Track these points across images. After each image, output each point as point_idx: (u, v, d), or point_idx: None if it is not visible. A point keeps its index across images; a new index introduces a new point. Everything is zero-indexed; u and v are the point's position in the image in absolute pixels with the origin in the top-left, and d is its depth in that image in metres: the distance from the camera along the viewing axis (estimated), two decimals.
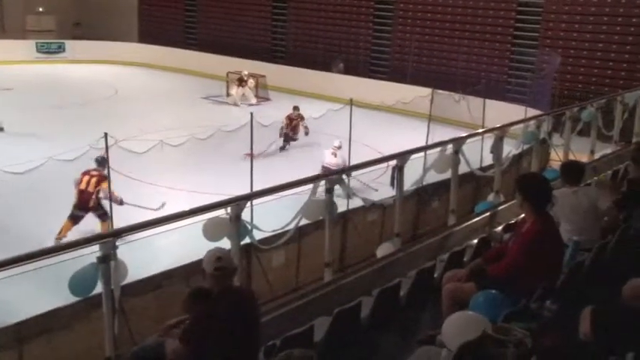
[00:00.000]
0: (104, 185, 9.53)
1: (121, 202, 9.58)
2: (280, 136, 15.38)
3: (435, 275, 5.22)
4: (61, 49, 27.28)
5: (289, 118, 15.65)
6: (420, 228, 9.73)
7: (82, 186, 9.78)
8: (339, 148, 12.03)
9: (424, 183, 9.22)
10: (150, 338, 4.36)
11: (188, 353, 3.81)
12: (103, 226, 9.67)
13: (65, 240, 8.75)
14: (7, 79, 22.63)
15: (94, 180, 9.76)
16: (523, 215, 4.68)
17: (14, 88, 21.58)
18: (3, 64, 25.02)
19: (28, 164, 9.87)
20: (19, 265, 4.70)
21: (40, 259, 4.84)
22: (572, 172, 5.49)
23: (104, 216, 9.74)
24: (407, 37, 22.37)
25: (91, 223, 9.75)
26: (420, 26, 22.13)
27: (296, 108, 15.88)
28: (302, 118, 15.54)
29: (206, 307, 3.94)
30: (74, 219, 9.74)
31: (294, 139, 15.67)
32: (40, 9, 28.91)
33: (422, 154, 9.36)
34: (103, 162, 9.57)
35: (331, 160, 11.84)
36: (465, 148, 8.58)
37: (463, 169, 8.96)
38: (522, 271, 4.25)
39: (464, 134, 9.20)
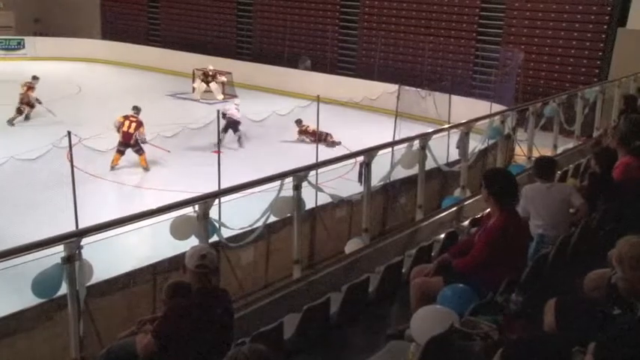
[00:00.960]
0: (142, 130, 13.11)
1: (144, 142, 13.08)
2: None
3: (404, 270, 5.26)
4: (20, 45, 26.62)
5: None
6: (388, 224, 9.80)
7: (125, 128, 13.05)
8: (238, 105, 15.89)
9: (391, 179, 9.28)
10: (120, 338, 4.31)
11: (158, 348, 3.77)
12: (141, 159, 13.19)
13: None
14: None
15: (133, 124, 13.10)
16: (489, 210, 4.75)
17: None
18: None
19: None
20: None
21: (2, 260, 4.73)
22: (546, 167, 5.55)
23: (140, 151, 13.16)
24: (373, 33, 22.47)
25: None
26: (385, 23, 22.26)
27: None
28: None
29: (181, 302, 3.91)
30: (120, 152, 13.08)
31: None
32: None
33: (389, 149, 9.43)
34: (138, 110, 13.73)
35: (235, 113, 15.41)
36: (431, 143, 8.67)
37: (430, 164, 9.05)
38: (488, 265, 4.31)
39: (430, 130, 9.30)
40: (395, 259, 5.41)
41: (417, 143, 8.51)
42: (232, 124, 15.30)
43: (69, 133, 8.38)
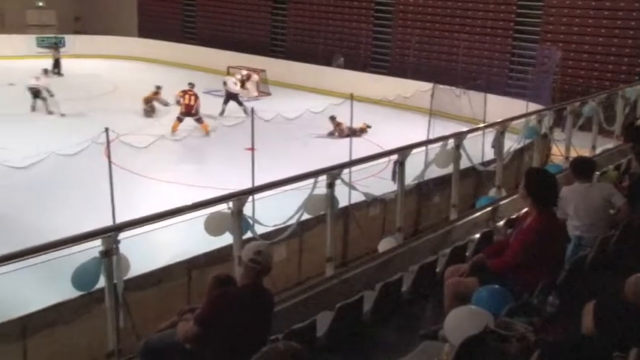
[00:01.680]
0: (199, 102, 16.05)
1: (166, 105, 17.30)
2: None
3: (437, 270, 5.22)
4: (61, 43, 27.21)
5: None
6: (421, 223, 9.74)
7: (186, 101, 15.86)
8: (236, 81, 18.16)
9: (425, 178, 9.22)
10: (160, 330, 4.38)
11: (200, 335, 3.83)
12: (203, 127, 15.80)
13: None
14: (9, 75, 22.59)
15: (193, 97, 15.96)
16: (525, 210, 4.68)
17: (16, 83, 21.54)
18: (4, 59, 25.00)
19: (30, 159, 9.86)
20: (22, 259, 4.71)
21: (43, 254, 4.85)
22: (583, 168, 5.44)
23: (200, 119, 15.86)
24: (407, 31, 22.33)
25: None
26: (420, 20, 22.09)
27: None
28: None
29: (227, 291, 3.98)
30: (179, 120, 15.69)
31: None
32: (40, 4, 28.88)
33: (423, 148, 9.36)
34: (193, 85, 16.64)
35: (232, 86, 17.62)
36: (466, 142, 8.58)
37: (464, 163, 8.96)
38: (524, 266, 4.25)
39: (465, 129, 9.20)
40: (429, 258, 5.38)
41: (451, 142, 8.43)
42: (231, 97, 17.88)
43: (106, 129, 8.54)
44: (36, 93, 17.86)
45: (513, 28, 20.19)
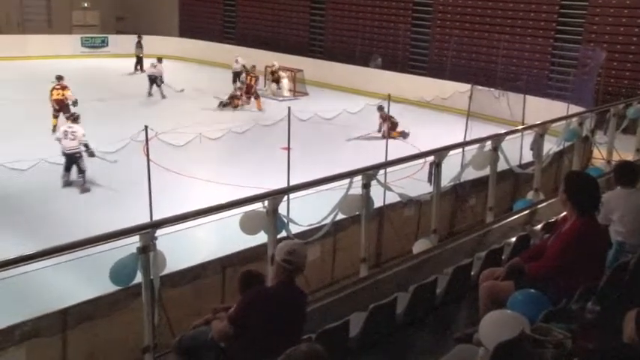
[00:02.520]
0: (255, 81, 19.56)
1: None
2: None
3: (473, 273, 5.15)
4: (104, 43, 27.87)
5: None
6: (457, 225, 9.63)
7: (248, 81, 19.49)
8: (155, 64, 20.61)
9: (462, 179, 9.11)
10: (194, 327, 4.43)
11: (234, 333, 3.86)
12: (257, 103, 19.33)
13: None
14: (54, 74, 23.17)
15: (254, 78, 19.64)
16: (564, 214, 4.58)
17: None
18: (50, 58, 25.69)
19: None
20: (63, 254, 4.83)
21: (82, 249, 4.96)
22: (627, 173, 5.30)
23: (257, 95, 19.48)
24: (446, 32, 22.12)
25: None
26: (459, 21, 21.86)
27: None
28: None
29: (261, 290, 4.01)
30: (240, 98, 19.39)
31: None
32: (85, 4, 29.59)
33: (460, 150, 9.25)
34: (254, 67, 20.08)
35: (151, 69, 20.66)
36: (504, 145, 8.45)
37: (502, 166, 8.82)
38: (562, 271, 4.16)
39: (503, 131, 9.06)
40: (464, 261, 5.31)
41: (489, 144, 8.30)
42: (151, 80, 19.55)
43: (146, 127, 8.68)
44: (153, 80, 20.01)
45: (555, 29, 19.80)
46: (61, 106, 15.19)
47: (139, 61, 25.03)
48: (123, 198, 11.05)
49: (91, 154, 11.60)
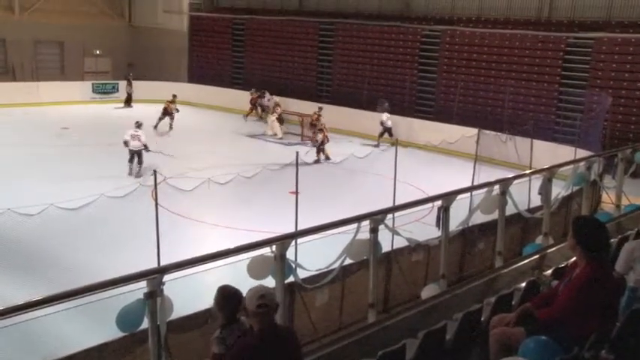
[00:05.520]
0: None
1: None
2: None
3: (482, 319, 5.08)
4: (114, 89, 28.35)
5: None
6: (465, 269, 9.55)
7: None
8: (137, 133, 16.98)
9: (470, 224, 9.08)
10: None
11: None
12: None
13: None
14: (65, 119, 23.60)
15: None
16: (574, 259, 4.54)
17: (70, 127, 22.47)
18: (62, 104, 26.17)
19: (81, 200, 10.16)
20: (70, 300, 4.81)
21: (89, 294, 4.94)
22: None
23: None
24: (452, 77, 22.40)
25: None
26: (465, 67, 22.16)
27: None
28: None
29: (244, 344, 3.95)
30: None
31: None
32: (97, 52, 30.24)
33: (468, 194, 9.25)
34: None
35: (130, 141, 16.70)
36: (512, 189, 8.45)
37: (510, 210, 8.80)
38: (574, 317, 4.10)
39: (511, 175, 9.07)
40: (473, 306, 5.24)
41: (497, 188, 8.31)
42: (133, 154, 16.75)
43: (154, 172, 8.75)
44: (136, 154, 16.70)
45: (560, 74, 20.03)
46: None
47: (129, 98, 27.52)
48: (130, 242, 11.04)
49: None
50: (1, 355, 6.37)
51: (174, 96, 23.62)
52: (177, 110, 22.99)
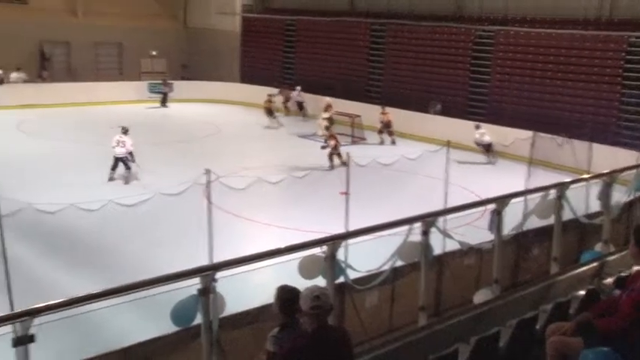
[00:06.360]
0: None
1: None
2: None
3: (538, 326, 4.96)
4: (171, 89, 28.97)
5: None
6: (519, 275, 9.34)
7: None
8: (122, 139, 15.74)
9: (524, 228, 8.87)
10: None
11: None
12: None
13: None
14: (121, 118, 24.27)
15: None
16: (638, 268, 4.38)
17: (127, 126, 23.07)
18: (119, 103, 26.98)
19: (138, 197, 10.44)
20: (127, 293, 4.94)
21: (145, 289, 5.07)
22: None
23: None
24: (506, 78, 21.97)
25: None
26: (519, 67, 21.69)
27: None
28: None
29: (296, 345, 3.97)
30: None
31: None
32: (154, 53, 31.01)
33: (522, 198, 9.05)
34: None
35: (116, 149, 15.45)
36: (569, 193, 8.22)
37: (567, 215, 8.56)
38: (637, 329, 3.96)
39: (567, 179, 8.82)
40: (528, 313, 5.12)
41: (553, 192, 8.10)
42: (117, 160, 15.61)
43: (207, 170, 8.89)
44: (121, 161, 15.85)
45: (622, 75, 19.34)
46: None
47: (165, 98, 28.11)
48: (183, 239, 11.27)
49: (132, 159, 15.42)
50: (62, 346, 6.59)
51: (270, 95, 24.63)
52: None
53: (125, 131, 15.84)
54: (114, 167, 15.47)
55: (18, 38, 27.18)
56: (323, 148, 17.87)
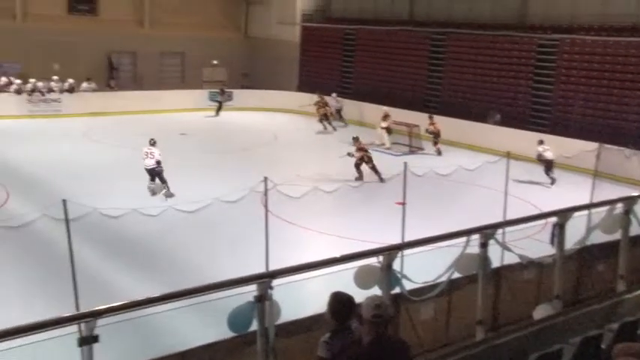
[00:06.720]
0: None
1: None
2: None
3: (603, 346, 4.76)
4: (229, 97, 29.56)
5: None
6: (582, 292, 9.01)
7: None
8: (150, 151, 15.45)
9: (588, 243, 8.56)
10: None
11: None
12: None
13: None
14: (183, 125, 24.95)
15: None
16: None
17: (187, 133, 23.72)
18: (181, 111, 27.74)
19: (197, 204, 10.66)
20: (185, 298, 5.05)
21: (203, 294, 5.16)
22: None
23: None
24: (570, 88, 21.32)
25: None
26: (585, 77, 21.02)
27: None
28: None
29: (356, 354, 3.95)
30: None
31: None
32: (215, 62, 31.74)
33: (586, 212, 8.74)
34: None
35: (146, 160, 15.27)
36: (637, 208, 7.89)
37: (635, 230, 8.22)
38: None
39: (635, 193, 8.47)
40: (592, 331, 4.93)
41: (620, 207, 7.79)
42: (150, 173, 15.33)
43: (265, 178, 8.99)
44: (155, 174, 15.52)
45: None
46: None
47: (219, 107, 28.36)
48: (239, 245, 11.44)
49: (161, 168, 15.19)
50: (121, 347, 6.78)
51: (319, 96, 25.36)
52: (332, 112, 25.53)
53: (153, 143, 15.74)
54: (152, 179, 15.43)
55: (88, 48, 28.36)
56: (349, 155, 17.35)
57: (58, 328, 4.41)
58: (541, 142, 18.05)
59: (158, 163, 15.25)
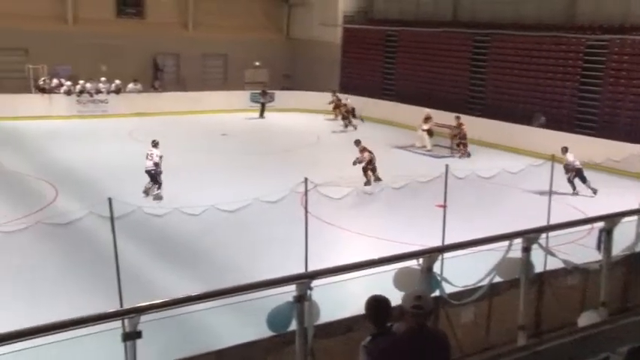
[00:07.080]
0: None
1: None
2: None
3: None
4: (271, 98, 29.80)
5: None
6: (630, 300, 8.75)
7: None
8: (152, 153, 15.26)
9: (637, 250, 8.30)
10: None
11: None
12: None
13: None
14: (224, 126, 25.27)
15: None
16: None
17: (229, 134, 24.01)
18: (223, 112, 28.12)
19: (238, 203, 10.78)
20: (225, 297, 5.10)
21: (243, 293, 5.21)
22: None
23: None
24: (620, 90, 20.72)
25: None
26: (636, 78, 20.38)
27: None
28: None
29: (392, 342, 3.99)
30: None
31: None
32: (257, 63, 32.04)
33: (635, 217, 8.48)
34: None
35: (146, 162, 14.98)
36: None
37: None
38: None
39: None
40: None
41: None
42: (152, 175, 15.09)
43: (305, 179, 9.02)
44: (153, 176, 15.26)
45: None
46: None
47: (263, 108, 28.68)
48: (278, 245, 11.51)
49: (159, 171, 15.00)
50: (161, 343, 6.89)
51: (333, 94, 26.24)
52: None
53: (155, 144, 15.46)
54: (152, 180, 15.13)
55: (134, 51, 29.01)
56: (355, 164, 16.77)
57: (103, 324, 4.52)
58: (566, 150, 16.28)
59: (156, 165, 15.06)
